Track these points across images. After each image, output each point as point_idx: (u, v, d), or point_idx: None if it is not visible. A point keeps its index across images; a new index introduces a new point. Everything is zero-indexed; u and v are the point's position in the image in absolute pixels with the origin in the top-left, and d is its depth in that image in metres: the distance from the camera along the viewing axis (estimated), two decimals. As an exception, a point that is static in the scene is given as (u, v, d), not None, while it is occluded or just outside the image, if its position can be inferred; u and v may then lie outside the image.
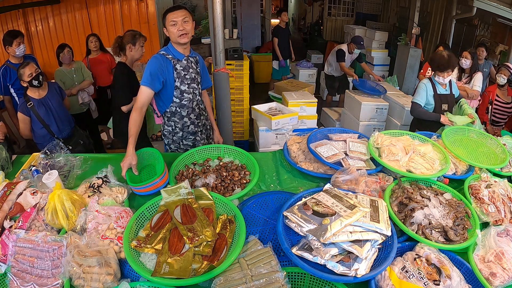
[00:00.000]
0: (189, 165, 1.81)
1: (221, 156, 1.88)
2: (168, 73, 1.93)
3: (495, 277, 1.14)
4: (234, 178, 1.64)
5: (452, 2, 5.25)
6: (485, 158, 1.84)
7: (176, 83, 1.98)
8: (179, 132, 2.14)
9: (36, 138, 2.73)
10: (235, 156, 1.86)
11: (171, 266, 1.10)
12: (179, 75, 1.97)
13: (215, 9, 2.44)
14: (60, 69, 3.50)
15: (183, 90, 2.01)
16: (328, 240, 1.09)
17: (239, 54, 3.90)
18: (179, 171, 1.75)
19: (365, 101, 4.03)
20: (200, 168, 1.78)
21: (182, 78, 1.98)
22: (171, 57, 1.95)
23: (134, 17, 5.97)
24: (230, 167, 1.74)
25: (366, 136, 1.94)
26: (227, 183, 1.62)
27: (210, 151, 1.90)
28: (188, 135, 2.16)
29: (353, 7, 9.40)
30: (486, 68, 3.97)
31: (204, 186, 1.58)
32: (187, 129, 2.14)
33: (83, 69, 3.64)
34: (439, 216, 1.36)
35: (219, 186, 1.60)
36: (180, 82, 1.99)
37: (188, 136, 2.16)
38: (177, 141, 2.18)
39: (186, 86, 2.02)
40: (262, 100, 5.61)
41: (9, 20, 5.41)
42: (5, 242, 1.22)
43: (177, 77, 1.97)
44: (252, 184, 1.56)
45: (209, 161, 1.84)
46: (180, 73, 1.97)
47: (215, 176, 1.65)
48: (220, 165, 1.78)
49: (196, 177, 1.66)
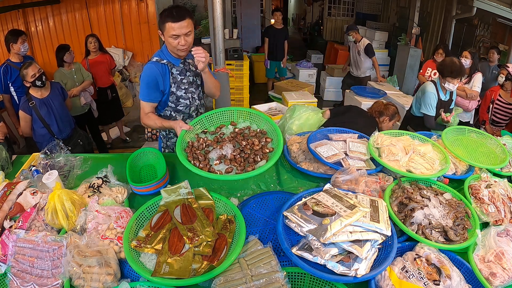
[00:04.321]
0: (200, 134, 1.60)
1: (234, 121, 1.65)
2: (165, 80, 1.80)
3: (495, 277, 1.14)
4: (254, 147, 1.43)
5: (452, 2, 5.25)
6: (485, 158, 1.84)
7: (172, 89, 1.83)
8: (174, 137, 2.03)
9: (36, 137, 2.74)
10: (252, 121, 1.63)
11: (171, 266, 1.10)
12: (175, 80, 1.82)
13: (215, 9, 2.44)
14: (60, 69, 3.49)
15: (179, 95, 1.86)
16: (328, 240, 1.09)
17: (239, 54, 3.91)
18: (187, 143, 1.54)
19: (365, 101, 4.04)
20: (212, 137, 1.57)
21: (179, 83, 1.84)
22: (166, 61, 1.79)
23: (134, 17, 5.97)
24: (248, 134, 1.52)
25: (366, 136, 1.94)
26: (247, 153, 1.41)
27: (222, 116, 1.67)
28: None
29: (353, 7, 9.40)
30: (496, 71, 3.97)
31: (221, 158, 1.40)
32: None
33: (82, 69, 3.64)
34: (439, 216, 1.36)
35: (238, 158, 1.39)
36: (176, 87, 1.84)
37: None
38: (171, 146, 2.06)
39: (183, 92, 1.86)
40: (262, 100, 5.62)
41: (9, 20, 5.41)
42: (5, 242, 1.22)
43: (173, 82, 1.82)
44: (277, 154, 1.34)
45: (222, 128, 1.61)
46: (176, 77, 1.83)
47: (232, 145, 1.44)
48: (236, 132, 1.56)
49: (210, 148, 1.46)
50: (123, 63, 5.95)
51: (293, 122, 2.37)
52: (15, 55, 3.17)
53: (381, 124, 2.57)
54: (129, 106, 5.65)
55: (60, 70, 3.48)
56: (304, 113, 2.40)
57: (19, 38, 3.11)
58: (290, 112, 2.45)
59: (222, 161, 1.39)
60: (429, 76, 4.05)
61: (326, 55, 7.91)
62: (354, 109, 2.70)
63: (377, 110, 2.61)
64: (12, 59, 3.18)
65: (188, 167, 1.32)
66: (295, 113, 2.41)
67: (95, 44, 3.87)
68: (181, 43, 1.68)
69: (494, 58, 3.98)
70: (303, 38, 11.82)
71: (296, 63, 6.65)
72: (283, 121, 2.49)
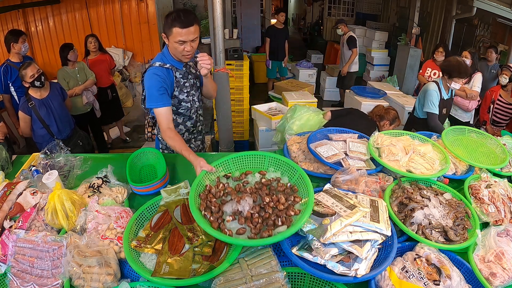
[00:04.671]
0: (221, 178, 1.38)
1: (264, 170, 1.41)
2: (170, 86, 1.76)
3: (495, 277, 1.14)
4: (279, 205, 1.19)
5: (452, 2, 5.25)
6: (485, 158, 1.84)
7: (175, 93, 1.81)
8: None
9: (36, 137, 2.74)
10: (284, 171, 1.38)
11: (171, 266, 1.10)
12: (178, 83, 1.80)
13: (215, 9, 2.44)
14: (63, 68, 3.48)
15: (181, 99, 1.85)
16: (328, 240, 1.09)
17: (239, 54, 3.90)
18: (205, 187, 1.32)
19: (365, 101, 4.03)
20: (234, 185, 1.34)
21: (181, 86, 1.82)
22: (170, 65, 1.75)
23: (134, 17, 5.97)
24: (275, 188, 1.29)
25: (366, 136, 1.94)
26: (268, 213, 1.17)
27: (251, 161, 1.45)
28: None
29: (353, 7, 9.41)
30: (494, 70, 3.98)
31: (236, 214, 1.18)
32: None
33: (86, 69, 3.63)
34: (439, 216, 1.36)
35: (255, 218, 1.15)
36: (179, 91, 1.82)
37: None
38: (170, 147, 2.01)
39: (185, 95, 1.85)
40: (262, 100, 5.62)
41: (9, 20, 5.41)
42: (5, 242, 1.22)
43: (176, 86, 1.80)
44: (302, 219, 1.09)
45: (247, 175, 1.38)
46: (180, 81, 1.81)
47: (252, 200, 1.21)
48: (262, 183, 1.32)
49: (228, 198, 1.25)
50: (123, 63, 5.95)
51: (294, 122, 2.37)
52: (15, 55, 3.18)
53: (381, 128, 2.58)
54: (129, 106, 5.65)
55: (63, 68, 3.48)
56: (305, 113, 2.40)
57: (20, 38, 3.13)
58: (291, 112, 2.45)
59: (237, 217, 1.17)
60: (429, 76, 4.05)
61: (326, 55, 7.91)
62: (355, 112, 2.70)
63: (378, 114, 2.61)
64: (12, 59, 3.19)
65: (196, 218, 1.12)
66: (296, 113, 2.42)
67: (95, 44, 3.87)
68: (186, 49, 1.64)
69: (492, 57, 3.98)
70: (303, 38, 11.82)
71: (296, 63, 6.65)
72: (284, 121, 2.49)
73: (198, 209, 1.18)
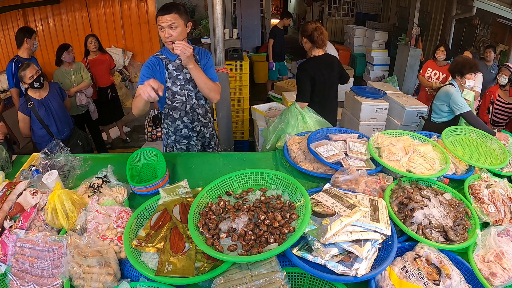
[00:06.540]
0: (223, 195, 1.41)
1: (266, 187, 1.43)
2: (160, 74, 1.87)
3: (495, 277, 1.14)
4: (274, 223, 1.19)
5: (452, 2, 5.26)
6: (485, 158, 1.85)
7: (168, 84, 1.91)
8: (172, 135, 2.08)
9: (35, 137, 2.74)
10: (285, 189, 1.39)
11: (174, 265, 1.10)
12: (170, 75, 1.90)
13: (215, 9, 2.44)
14: (59, 69, 3.50)
15: (174, 91, 1.93)
16: (328, 240, 1.09)
17: (239, 54, 3.91)
18: (206, 204, 1.34)
19: (365, 101, 4.03)
20: (234, 202, 1.36)
21: (174, 78, 1.91)
22: (164, 57, 1.89)
23: (134, 17, 5.97)
24: (274, 205, 1.30)
25: (366, 136, 1.94)
26: (262, 231, 1.17)
27: (252, 178, 1.47)
28: (181, 139, 2.09)
29: (353, 7, 9.42)
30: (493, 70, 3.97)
31: (230, 231, 1.19)
32: (180, 132, 2.06)
33: (83, 70, 3.62)
34: (439, 216, 1.35)
35: (248, 235, 1.15)
36: (172, 83, 1.91)
37: (181, 140, 2.09)
38: (171, 145, 2.11)
39: (179, 88, 1.93)
40: (262, 100, 5.63)
41: (9, 20, 5.41)
42: (5, 242, 1.22)
43: (168, 78, 1.90)
44: (295, 236, 1.09)
45: (249, 193, 1.40)
46: (172, 73, 1.90)
47: (248, 218, 1.22)
48: (261, 200, 1.34)
49: (225, 216, 1.27)
50: (123, 63, 5.95)
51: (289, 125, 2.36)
52: (25, 51, 3.29)
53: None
54: (129, 106, 5.65)
55: (59, 69, 3.50)
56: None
57: (33, 35, 3.33)
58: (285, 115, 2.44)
59: (231, 234, 1.18)
60: (429, 76, 4.05)
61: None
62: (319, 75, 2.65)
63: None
64: (21, 55, 3.29)
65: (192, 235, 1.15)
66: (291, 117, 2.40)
67: (95, 44, 3.87)
68: (165, 35, 1.77)
69: (491, 57, 3.98)
70: (303, 38, 11.79)
71: (296, 62, 6.65)
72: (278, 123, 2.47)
73: (196, 226, 1.22)
